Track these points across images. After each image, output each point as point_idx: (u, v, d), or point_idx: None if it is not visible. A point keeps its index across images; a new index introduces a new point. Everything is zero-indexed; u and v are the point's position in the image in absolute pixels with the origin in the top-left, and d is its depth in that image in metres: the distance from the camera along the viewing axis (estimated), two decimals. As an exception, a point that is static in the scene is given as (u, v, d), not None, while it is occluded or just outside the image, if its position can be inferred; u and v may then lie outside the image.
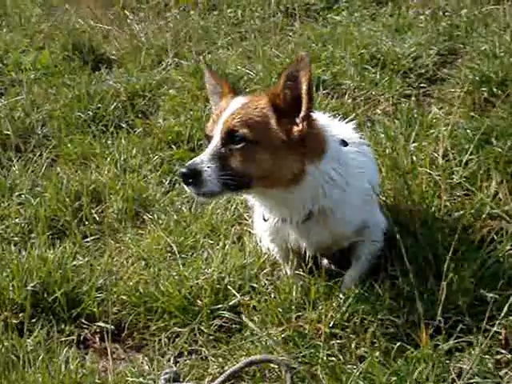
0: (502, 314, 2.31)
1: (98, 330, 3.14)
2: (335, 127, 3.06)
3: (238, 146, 2.72)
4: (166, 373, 2.69)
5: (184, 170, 2.70)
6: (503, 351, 2.49)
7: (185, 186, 2.77)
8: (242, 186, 2.76)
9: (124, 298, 3.22)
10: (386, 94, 4.64)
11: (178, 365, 2.87)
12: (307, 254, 3.02)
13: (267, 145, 2.74)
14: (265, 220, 3.01)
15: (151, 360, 2.87)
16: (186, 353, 2.93)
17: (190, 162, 2.73)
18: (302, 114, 2.75)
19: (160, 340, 3.00)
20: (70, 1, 7.23)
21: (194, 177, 2.68)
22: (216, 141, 2.74)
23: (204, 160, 2.70)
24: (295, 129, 2.76)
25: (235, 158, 2.71)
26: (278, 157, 2.75)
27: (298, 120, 2.76)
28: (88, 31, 6.41)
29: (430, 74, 4.88)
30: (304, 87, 2.73)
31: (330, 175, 2.85)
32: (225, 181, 2.68)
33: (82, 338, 3.13)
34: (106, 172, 4.21)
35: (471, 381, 2.36)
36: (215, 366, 2.79)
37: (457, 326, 2.61)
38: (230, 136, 2.73)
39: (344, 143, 2.95)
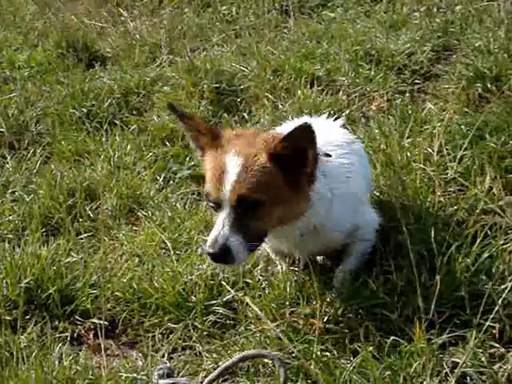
0: (496, 308, 2.31)
1: (91, 327, 3.13)
2: (321, 132, 2.94)
3: (253, 210, 2.65)
4: (160, 368, 2.69)
5: (213, 250, 2.59)
6: (497, 345, 2.48)
7: (212, 262, 2.74)
8: (261, 242, 2.78)
9: (118, 294, 3.21)
10: (380, 90, 4.63)
11: (172, 360, 2.87)
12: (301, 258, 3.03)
13: (280, 199, 2.70)
14: None
15: (145, 356, 2.86)
16: (179, 348, 2.93)
17: (214, 238, 2.60)
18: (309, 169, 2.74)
19: (154, 336, 3.00)
20: (63, -1, 7.22)
21: (224, 255, 2.61)
22: (228, 210, 2.64)
23: (227, 234, 2.60)
24: (304, 179, 2.74)
25: (252, 221, 2.66)
26: (290, 203, 2.73)
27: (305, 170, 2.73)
28: (82, 29, 6.39)
29: (424, 71, 4.87)
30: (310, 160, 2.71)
31: (319, 192, 2.83)
32: (250, 247, 2.66)
33: (75, 334, 3.12)
34: (99, 169, 4.21)
35: (465, 375, 2.37)
36: (209, 362, 2.79)
37: (451, 320, 2.62)
38: (241, 203, 2.64)
39: (327, 155, 2.91)
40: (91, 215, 3.90)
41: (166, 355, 2.90)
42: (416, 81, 4.76)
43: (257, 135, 2.82)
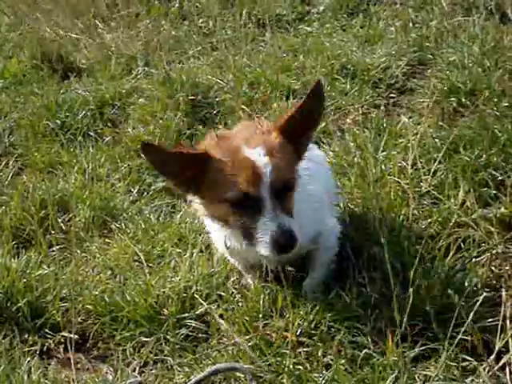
0: (467, 321, 2.30)
1: (62, 340, 3.07)
2: None
3: (288, 190, 2.67)
4: (130, 382, 2.65)
5: (284, 241, 2.55)
6: (469, 358, 2.47)
7: (278, 255, 2.63)
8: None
9: (89, 307, 3.17)
10: (355, 103, 4.65)
11: (143, 374, 2.83)
12: (268, 268, 3.01)
13: (295, 170, 2.75)
14: (227, 247, 2.96)
15: (115, 370, 2.82)
16: (151, 362, 2.89)
17: (284, 228, 2.55)
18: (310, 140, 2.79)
19: (125, 350, 2.95)
20: (39, 10, 7.17)
21: (292, 241, 2.58)
22: (271, 200, 2.57)
23: (287, 221, 2.57)
24: (304, 146, 2.79)
25: (288, 200, 2.66)
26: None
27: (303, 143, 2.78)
28: (58, 40, 6.35)
29: (399, 85, 4.91)
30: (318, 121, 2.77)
31: None
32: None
33: (45, 348, 3.06)
34: (73, 181, 4.16)
35: (437, 388, 2.36)
36: (181, 376, 2.75)
37: (423, 333, 2.61)
38: (281, 188, 2.62)
39: None
40: (63, 227, 3.86)
41: (137, 369, 2.86)
42: (391, 95, 4.79)
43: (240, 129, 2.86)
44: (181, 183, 2.74)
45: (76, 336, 3.01)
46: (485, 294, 2.63)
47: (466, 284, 2.76)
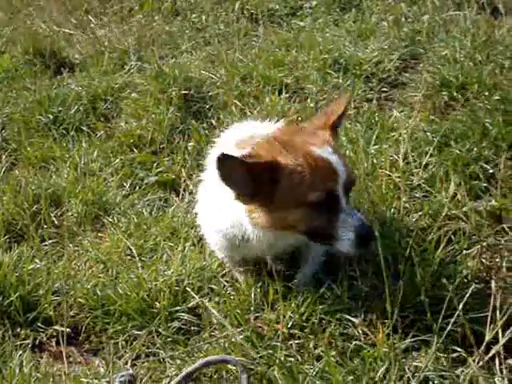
0: (457, 313, 2.32)
1: (54, 334, 3.07)
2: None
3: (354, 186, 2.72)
4: (122, 375, 2.65)
5: (371, 235, 2.57)
6: (459, 349, 2.49)
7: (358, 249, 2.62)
8: None
9: (81, 301, 3.17)
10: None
11: (135, 367, 2.83)
12: (268, 262, 3.02)
13: None
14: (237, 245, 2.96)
15: (107, 363, 2.82)
16: (143, 355, 2.88)
17: (365, 223, 2.58)
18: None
19: (117, 343, 2.96)
20: (32, 5, 7.15)
21: (372, 235, 2.61)
22: (344, 197, 2.59)
23: (361, 216, 2.60)
24: None
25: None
26: None
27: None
28: (50, 35, 6.33)
29: (391, 79, 4.91)
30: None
31: None
32: None
33: (37, 341, 3.06)
34: (65, 175, 4.16)
35: (427, 379, 2.37)
36: (173, 368, 2.76)
37: (414, 325, 2.62)
38: (350, 184, 2.66)
39: None
40: (56, 222, 3.84)
41: (130, 362, 2.86)
42: (383, 89, 4.80)
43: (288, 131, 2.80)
44: (248, 194, 2.65)
45: (68, 329, 3.01)
46: (475, 285, 2.67)
47: (457, 276, 2.77)
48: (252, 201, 2.66)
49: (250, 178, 2.56)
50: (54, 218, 3.86)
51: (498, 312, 2.38)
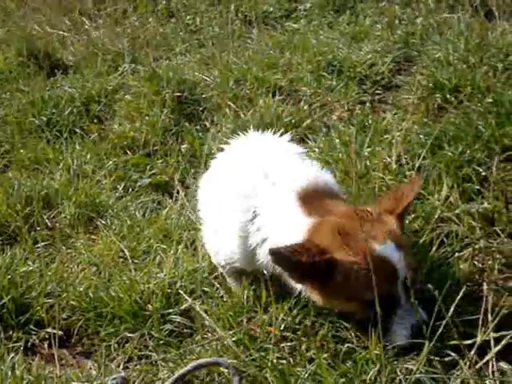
0: (449, 315, 2.31)
1: (46, 337, 3.06)
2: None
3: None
4: (114, 378, 2.64)
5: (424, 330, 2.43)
6: (452, 353, 2.48)
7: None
8: None
9: (74, 303, 3.16)
10: (341, 100, 4.67)
11: (127, 370, 2.82)
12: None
13: None
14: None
15: (99, 365, 2.82)
16: (135, 358, 2.88)
17: (422, 320, 2.47)
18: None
19: (109, 345, 2.95)
20: (26, 7, 7.15)
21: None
22: (405, 291, 2.49)
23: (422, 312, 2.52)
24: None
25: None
26: None
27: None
28: (44, 37, 6.33)
29: (385, 81, 4.92)
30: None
31: None
32: None
33: (29, 344, 3.06)
34: (58, 177, 4.15)
35: (419, 382, 2.37)
36: (165, 371, 2.75)
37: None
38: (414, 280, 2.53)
39: None
40: (49, 224, 3.84)
41: (122, 364, 2.86)
42: (377, 91, 4.81)
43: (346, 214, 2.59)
44: (303, 281, 2.59)
45: (60, 332, 3.00)
46: (467, 288, 2.66)
47: (449, 278, 2.77)
48: (305, 282, 2.59)
49: (304, 268, 2.46)
50: (46, 220, 3.86)
51: (489, 314, 2.38)
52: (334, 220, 2.54)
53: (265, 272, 2.80)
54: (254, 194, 2.77)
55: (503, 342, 2.28)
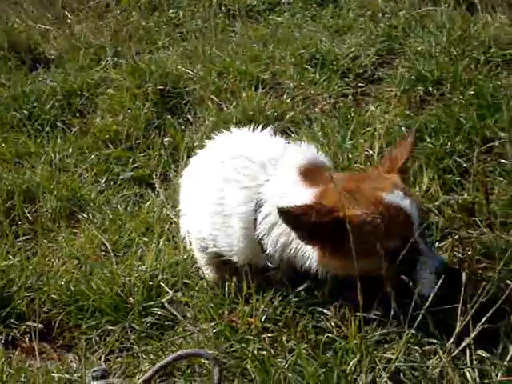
0: (427, 304, 2.33)
1: (27, 330, 3.06)
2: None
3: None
4: (95, 370, 2.64)
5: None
6: (434, 341, 2.49)
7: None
8: None
9: (55, 297, 3.15)
10: (324, 93, 4.67)
11: (108, 362, 2.82)
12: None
13: None
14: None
15: (80, 358, 2.81)
16: (117, 350, 2.88)
17: (445, 262, 2.53)
18: None
19: (91, 338, 2.95)
20: (8, 0, 7.10)
21: None
22: (421, 236, 2.49)
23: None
24: None
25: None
26: None
27: None
28: (26, 31, 6.29)
29: (368, 74, 4.92)
30: None
31: None
32: None
33: (10, 337, 3.05)
34: (40, 171, 4.13)
35: (398, 371, 2.38)
36: (146, 363, 2.75)
37: (388, 317, 2.63)
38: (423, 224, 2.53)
39: None
40: (30, 218, 3.83)
41: (103, 357, 2.86)
42: (359, 84, 4.81)
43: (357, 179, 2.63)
44: (314, 243, 2.54)
45: (41, 325, 3.00)
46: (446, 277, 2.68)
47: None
48: (317, 245, 2.56)
49: (314, 229, 2.45)
50: (28, 214, 3.85)
51: (468, 304, 2.39)
52: (338, 184, 2.50)
53: (269, 264, 2.78)
54: (255, 183, 2.74)
55: (477, 329, 2.29)
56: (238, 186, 2.78)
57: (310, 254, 2.60)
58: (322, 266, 2.60)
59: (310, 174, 2.69)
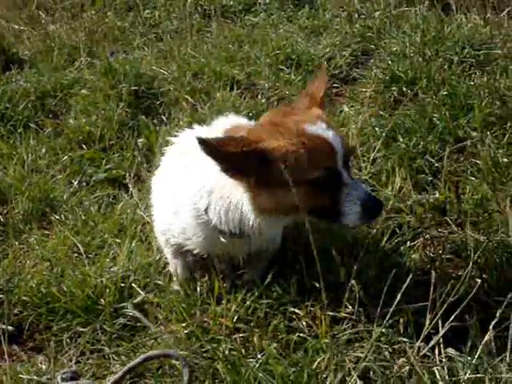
0: (395, 302, 2.33)
1: (-3, 333, 3.03)
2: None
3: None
4: (64, 372, 2.62)
5: (380, 204, 2.52)
6: (404, 339, 2.50)
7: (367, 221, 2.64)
8: None
9: (25, 298, 3.11)
10: (299, 93, 4.66)
11: (79, 364, 2.79)
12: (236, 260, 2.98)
13: None
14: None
15: (49, 360, 2.79)
16: (87, 352, 2.85)
17: (372, 193, 2.60)
18: None
19: (61, 340, 2.92)
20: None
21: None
22: (345, 168, 2.51)
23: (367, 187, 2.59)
24: None
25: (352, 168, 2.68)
26: None
27: None
28: (-1, 32, 6.25)
29: (343, 75, 4.96)
30: None
31: None
32: None
33: (-21, 341, 3.01)
34: (12, 172, 4.09)
35: (368, 369, 2.38)
36: (117, 365, 2.73)
37: (359, 316, 2.64)
38: (349, 157, 2.59)
39: None
40: (1, 219, 3.77)
41: (74, 359, 2.83)
42: (335, 84, 4.83)
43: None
44: (237, 176, 2.54)
45: (11, 328, 2.97)
46: (417, 276, 2.69)
47: (400, 268, 2.80)
48: (241, 179, 2.56)
49: (236, 161, 2.47)
50: (-1, 216, 3.80)
51: (438, 303, 2.40)
52: (260, 122, 2.63)
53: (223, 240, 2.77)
54: (200, 168, 2.73)
55: (446, 327, 2.30)
56: (187, 171, 2.80)
57: (247, 208, 2.60)
58: (257, 210, 2.57)
59: (236, 131, 2.67)
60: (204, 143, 2.42)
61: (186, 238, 2.87)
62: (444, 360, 2.35)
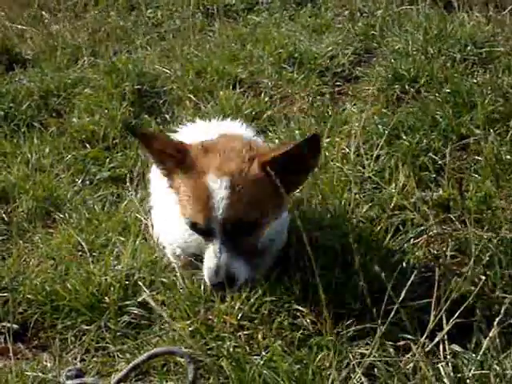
0: (399, 300, 2.33)
1: (2, 331, 3.01)
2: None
3: (249, 230, 2.50)
4: (69, 370, 2.62)
5: (217, 281, 2.49)
6: (408, 336, 2.50)
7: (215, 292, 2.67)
8: (256, 254, 2.66)
9: (30, 297, 3.12)
10: (302, 92, 4.68)
11: (84, 362, 2.80)
12: None
13: (270, 209, 2.54)
14: None
15: (54, 358, 2.79)
16: (92, 350, 2.85)
17: (214, 268, 2.48)
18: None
19: (66, 338, 2.92)
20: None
21: (229, 283, 2.50)
22: (222, 236, 2.46)
23: (228, 261, 2.47)
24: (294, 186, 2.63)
25: (248, 239, 2.52)
26: (278, 210, 2.62)
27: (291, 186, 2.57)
28: (2, 31, 6.25)
29: (345, 73, 4.96)
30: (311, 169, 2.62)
31: None
32: (250, 265, 2.57)
33: (-16, 339, 3.02)
34: (16, 171, 4.10)
35: (373, 366, 2.38)
36: (122, 363, 2.73)
37: (363, 313, 2.64)
38: (237, 226, 2.46)
39: None
40: (6, 218, 3.79)
41: (79, 357, 2.83)
42: (337, 83, 4.84)
43: (227, 144, 2.57)
44: (163, 170, 2.63)
45: (16, 326, 2.97)
46: (421, 273, 2.70)
47: (404, 264, 2.80)
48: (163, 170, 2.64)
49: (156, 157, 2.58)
50: (3, 215, 3.82)
51: (442, 300, 2.40)
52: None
53: None
54: None
55: (451, 323, 2.30)
56: None
57: None
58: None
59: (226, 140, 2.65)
60: (131, 129, 2.49)
61: (186, 242, 2.88)
62: (449, 356, 2.35)
